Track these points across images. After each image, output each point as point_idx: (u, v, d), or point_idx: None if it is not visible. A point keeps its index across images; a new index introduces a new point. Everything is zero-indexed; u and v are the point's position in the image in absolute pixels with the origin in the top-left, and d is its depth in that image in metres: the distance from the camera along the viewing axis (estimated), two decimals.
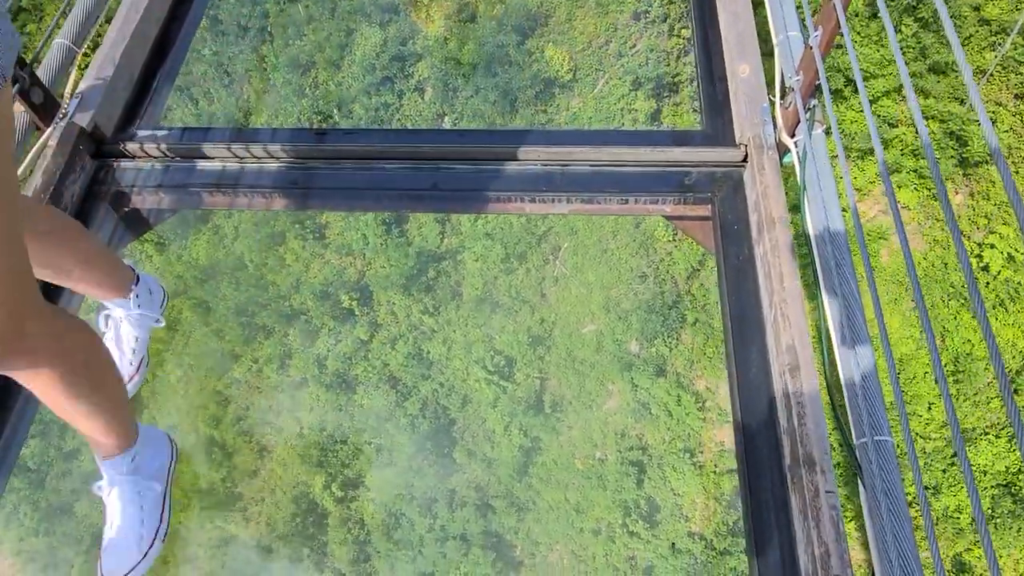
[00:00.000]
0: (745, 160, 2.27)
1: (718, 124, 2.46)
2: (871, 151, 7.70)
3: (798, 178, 2.07)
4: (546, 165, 2.41)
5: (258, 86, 8.64)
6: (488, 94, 9.39)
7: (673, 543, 8.41)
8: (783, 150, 2.19)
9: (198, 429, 9.07)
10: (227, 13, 8.70)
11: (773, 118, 2.23)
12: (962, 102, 9.50)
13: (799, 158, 2.05)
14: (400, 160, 2.45)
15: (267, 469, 9.00)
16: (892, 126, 7.71)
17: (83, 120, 2.64)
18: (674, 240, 9.11)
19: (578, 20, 9.90)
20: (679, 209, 2.36)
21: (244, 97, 8.83)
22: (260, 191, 2.53)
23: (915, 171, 7.66)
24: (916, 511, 6.61)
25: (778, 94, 2.17)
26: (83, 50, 2.68)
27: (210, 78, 8.59)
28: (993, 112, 8.82)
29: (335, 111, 8.73)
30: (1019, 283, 8.00)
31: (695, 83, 2.64)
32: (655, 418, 8.73)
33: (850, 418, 1.69)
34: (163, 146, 2.65)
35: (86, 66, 2.76)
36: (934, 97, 7.43)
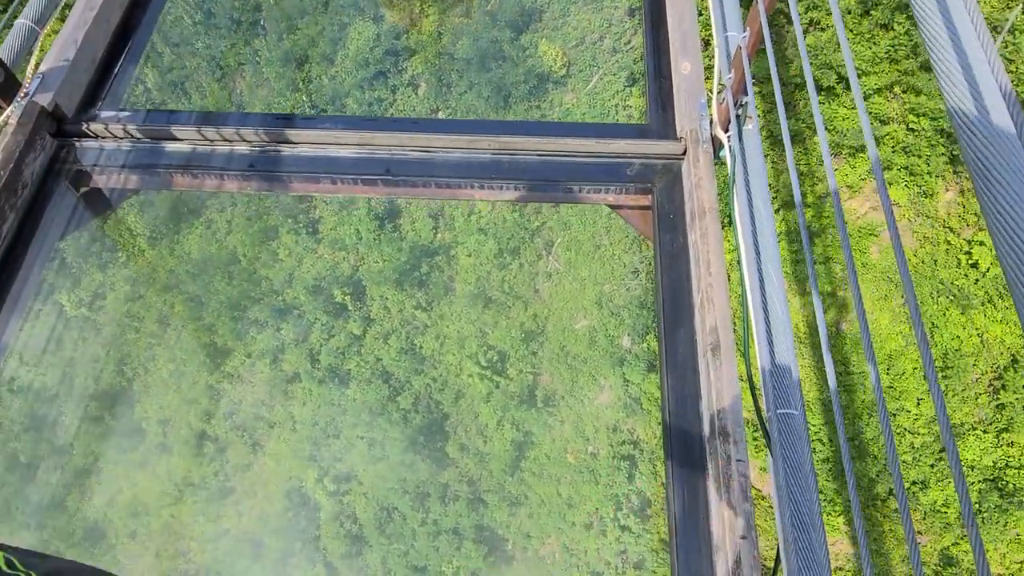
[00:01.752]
0: (684, 153, 2.38)
1: (661, 119, 2.61)
2: (861, 148, 7.74)
3: (728, 169, 2.20)
4: (495, 154, 2.51)
5: (237, 77, 8.63)
6: (482, 89, 9.38)
7: (663, 538, 8.47)
8: (718, 144, 2.33)
9: (190, 423, 9.07)
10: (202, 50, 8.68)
11: (710, 114, 2.37)
12: None
13: (730, 151, 2.20)
14: (355, 147, 2.55)
15: (259, 463, 9.01)
16: (883, 123, 7.76)
17: (44, 100, 2.67)
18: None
19: (572, 15, 9.91)
20: (621, 198, 2.51)
21: (214, 85, 8.82)
22: (220, 173, 2.61)
23: (906, 168, 7.71)
24: (909, 508, 6.69)
25: (715, 90, 2.30)
26: (45, 30, 2.69)
27: (180, 65, 8.57)
28: None
29: (328, 105, 8.72)
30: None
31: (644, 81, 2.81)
32: (647, 413, 8.78)
33: (763, 392, 1.81)
34: (126, 127, 2.69)
35: (49, 47, 2.78)
36: (925, 94, 7.48)
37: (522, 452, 8.98)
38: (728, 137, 2.21)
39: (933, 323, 7.96)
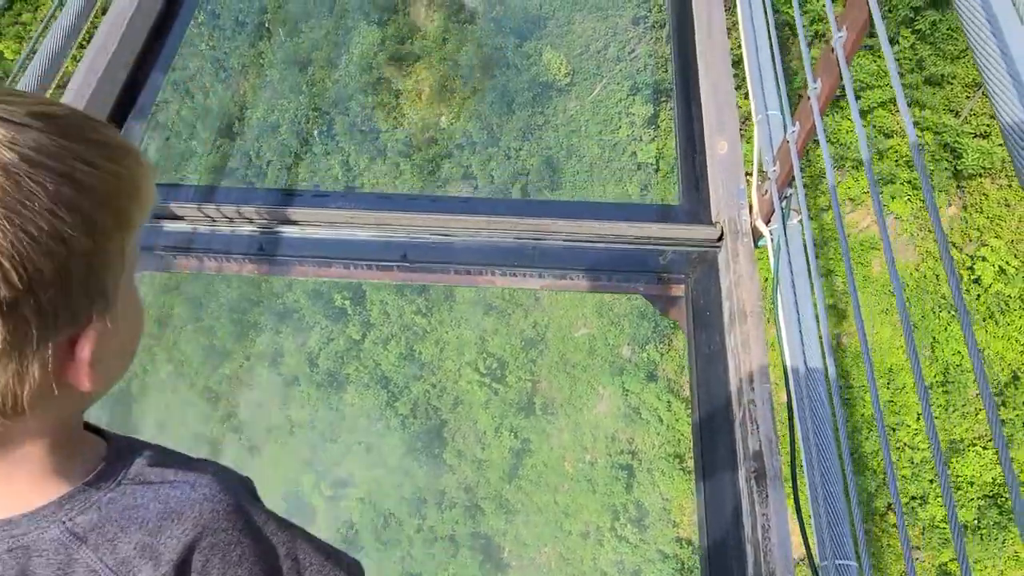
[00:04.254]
0: (720, 239, 2.20)
1: (695, 200, 2.33)
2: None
3: (772, 269, 2.02)
4: (518, 238, 2.35)
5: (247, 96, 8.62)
6: (486, 96, 9.36)
7: (660, 548, 8.43)
8: (758, 234, 2.15)
9: (187, 425, 9.04)
10: (206, 52, 8.64)
11: (749, 202, 2.18)
12: (957, 114, 9.54)
13: (773, 249, 2.01)
14: (370, 228, 2.39)
15: (256, 467, 8.97)
16: (887, 136, 7.75)
17: None
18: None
19: (577, 23, 9.90)
20: (653, 288, 2.28)
21: (218, 86, 8.80)
22: (225, 255, 2.42)
23: (909, 182, 7.70)
24: (907, 519, 6.67)
25: (755, 176, 2.12)
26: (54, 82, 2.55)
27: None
28: (987, 125, 8.86)
29: (332, 109, 8.70)
30: (1010, 296, 8.04)
31: (676, 157, 2.62)
32: (645, 423, 8.75)
33: (815, 538, 1.65)
34: None
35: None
36: (930, 109, 7.47)
37: (520, 460, 8.93)
38: (771, 231, 2.01)
39: (934, 337, 7.92)
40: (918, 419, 7.02)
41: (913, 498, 7.14)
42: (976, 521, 7.07)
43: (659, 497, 8.43)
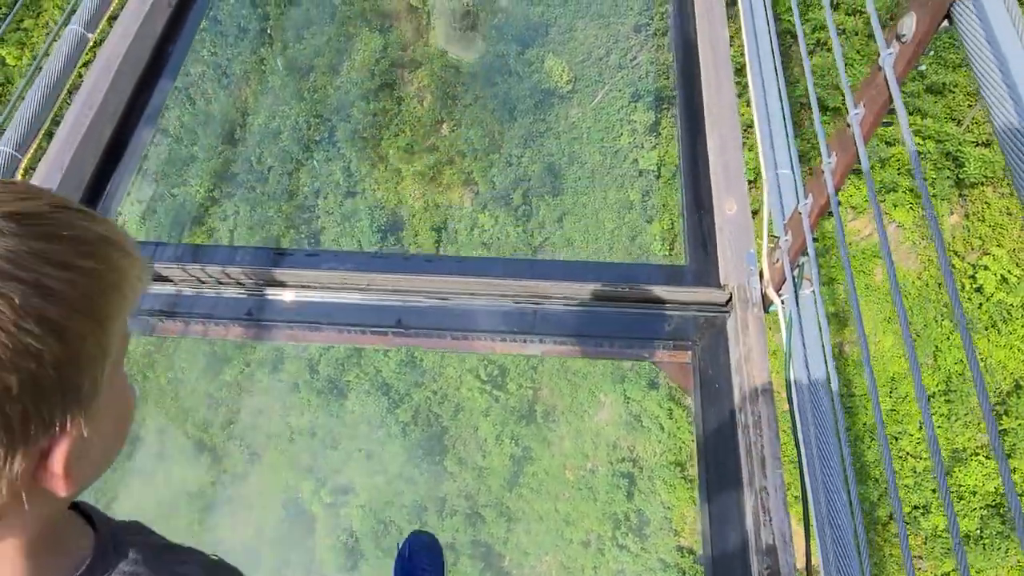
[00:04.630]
0: (728, 303, 2.10)
1: (701, 260, 2.21)
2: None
3: (783, 342, 1.91)
4: (518, 302, 2.23)
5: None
6: (487, 102, 9.38)
7: (661, 557, 8.40)
8: (768, 301, 2.04)
9: (188, 432, 9.03)
10: (207, 58, 8.68)
11: (760, 270, 2.00)
12: (959, 123, 9.54)
13: (785, 321, 1.90)
14: (363, 292, 2.27)
15: (256, 473, 8.95)
16: (889, 145, 7.74)
17: None
18: (669, 254, 9.11)
19: (579, 31, 9.92)
20: (659, 355, 2.13)
21: (219, 92, 8.81)
22: (210, 319, 2.29)
23: (911, 190, 7.69)
24: (909, 529, 6.65)
25: (765, 239, 1.96)
26: (27, 157, 2.41)
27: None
28: (989, 134, 8.85)
29: (333, 116, 8.71)
30: (1012, 305, 8.02)
31: (681, 214, 2.46)
32: (647, 431, 8.72)
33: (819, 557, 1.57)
34: None
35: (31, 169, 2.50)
36: (931, 117, 7.46)
37: (521, 467, 8.91)
38: (782, 300, 1.89)
39: (936, 346, 7.90)
40: (920, 428, 7.00)
41: (916, 507, 7.11)
42: (979, 531, 7.04)
43: (660, 506, 8.40)
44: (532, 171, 8.46)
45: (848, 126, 1.37)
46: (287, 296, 2.30)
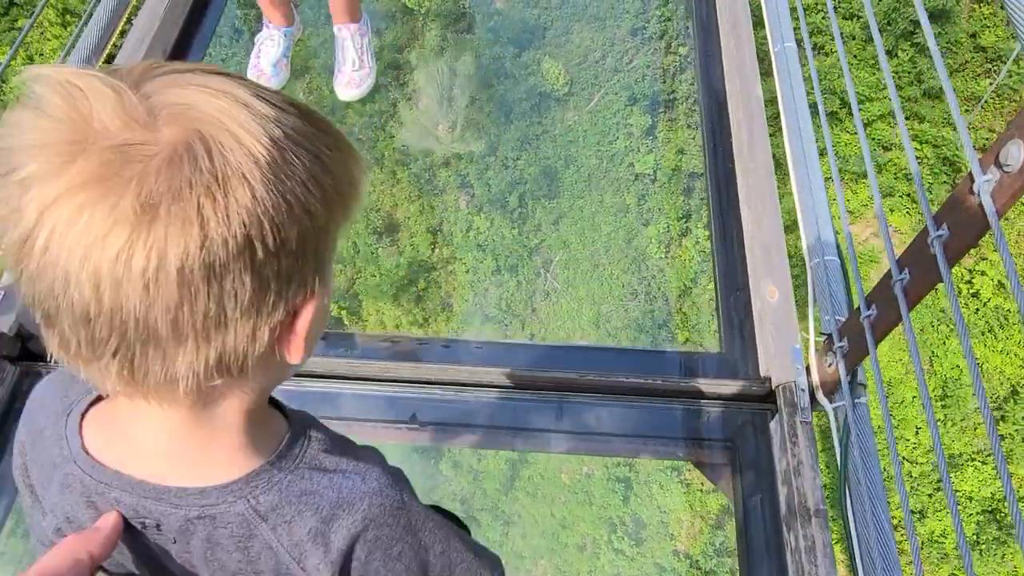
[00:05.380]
0: (769, 398, 1.87)
1: (739, 350, 2.00)
2: (865, 174, 7.72)
3: (837, 460, 1.71)
4: (541, 393, 2.01)
5: None
6: (483, 105, 9.33)
7: (657, 562, 8.34)
8: (816, 404, 1.77)
9: None
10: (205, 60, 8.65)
11: (807, 366, 1.75)
12: (956, 128, 9.54)
13: (839, 434, 1.67)
14: (374, 382, 2.05)
15: None
16: (886, 149, 7.74)
17: (5, 323, 2.06)
18: (667, 258, 9.06)
19: (575, 34, 9.88)
20: (694, 453, 1.95)
21: None
22: None
23: (908, 195, 7.69)
24: (901, 535, 6.62)
25: (811, 333, 1.76)
26: None
27: None
28: (987, 139, 8.84)
29: (329, 117, 8.64)
30: (1009, 310, 8.01)
31: (714, 301, 2.18)
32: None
33: None
34: None
35: None
36: (929, 122, 7.47)
37: (516, 471, 8.84)
38: (835, 410, 1.65)
39: (933, 352, 7.88)
40: (916, 433, 6.99)
41: (912, 512, 7.11)
42: (975, 536, 7.03)
43: (656, 510, 8.38)
44: (528, 174, 8.43)
45: (929, 246, 1.16)
46: (289, 386, 2.04)
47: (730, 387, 1.93)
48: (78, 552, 0.60)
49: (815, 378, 1.77)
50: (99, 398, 0.69)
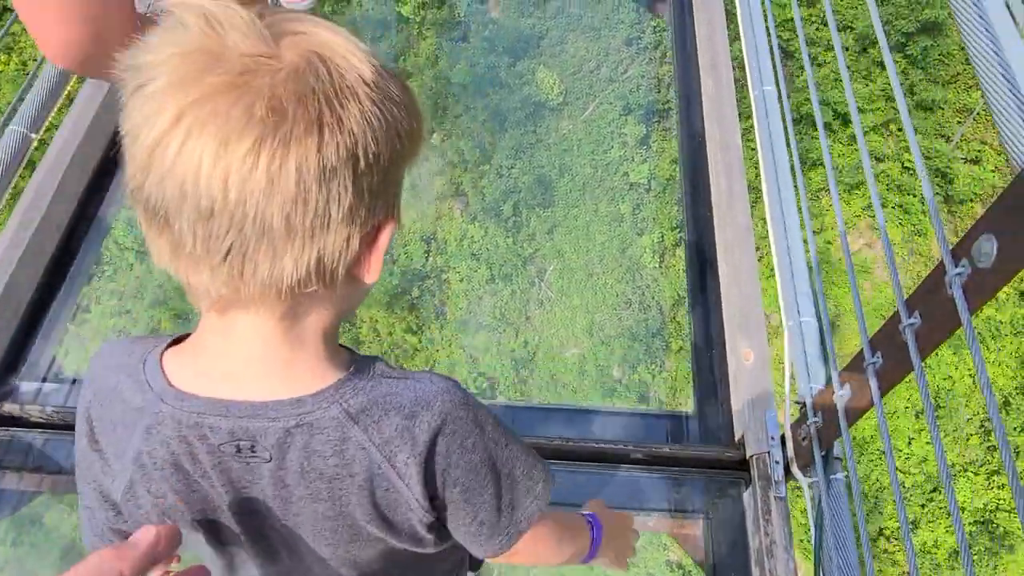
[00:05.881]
0: (743, 465, 1.82)
1: (712, 414, 1.99)
2: (856, 185, 7.75)
3: (811, 541, 1.66)
4: None
5: None
6: (478, 114, 9.35)
7: (651, 572, 8.34)
8: (789, 476, 1.74)
9: None
10: None
11: (782, 436, 1.72)
12: (948, 139, 9.59)
13: (813, 511, 1.61)
14: None
15: None
16: (879, 160, 7.78)
17: None
18: (660, 267, 9.09)
19: (570, 43, 9.91)
20: (669, 524, 1.88)
21: None
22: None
23: (900, 206, 7.72)
24: (895, 545, 6.63)
25: (787, 401, 1.71)
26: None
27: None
28: (978, 151, 8.88)
29: None
30: (1001, 321, 8.04)
31: (689, 356, 2.14)
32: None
33: None
34: (44, 409, 1.91)
35: None
36: (920, 134, 7.51)
37: None
38: (810, 485, 1.66)
39: (925, 362, 7.89)
40: (909, 444, 7.01)
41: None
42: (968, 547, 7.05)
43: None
44: (523, 183, 8.45)
45: (901, 333, 1.09)
46: None
47: (704, 453, 1.90)
48: (110, 565, 0.60)
49: (789, 450, 1.73)
50: (174, 341, 0.73)
